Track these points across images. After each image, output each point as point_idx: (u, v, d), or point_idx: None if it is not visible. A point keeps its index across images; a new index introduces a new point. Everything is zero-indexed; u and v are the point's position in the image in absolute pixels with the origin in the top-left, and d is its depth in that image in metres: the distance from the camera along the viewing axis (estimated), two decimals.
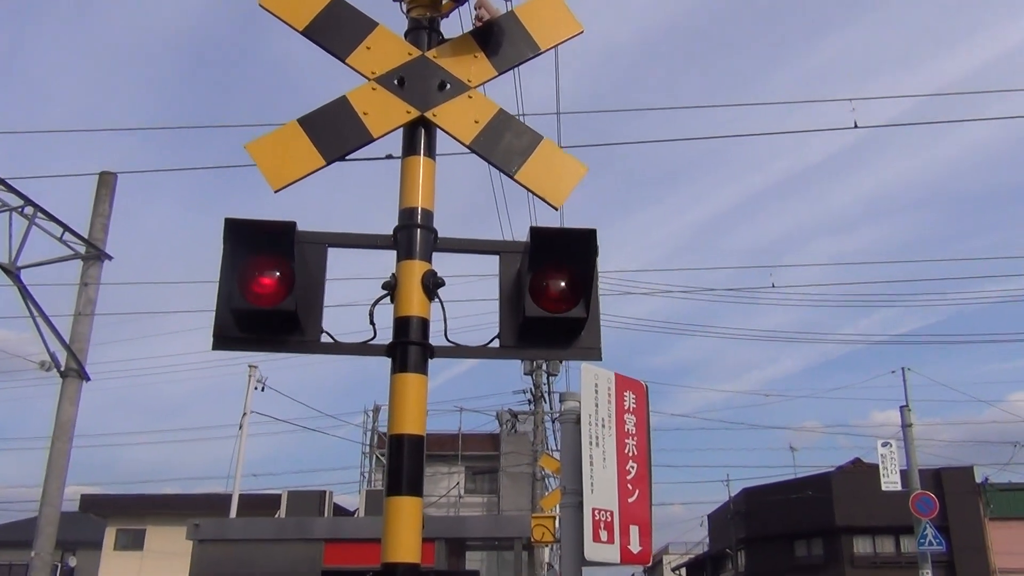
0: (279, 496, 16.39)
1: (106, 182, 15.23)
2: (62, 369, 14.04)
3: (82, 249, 14.73)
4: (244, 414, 22.84)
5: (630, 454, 4.46)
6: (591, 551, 4.12)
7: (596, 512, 4.19)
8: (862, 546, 33.14)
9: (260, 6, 3.79)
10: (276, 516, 15.46)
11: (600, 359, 3.67)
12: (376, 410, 33.50)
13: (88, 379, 14.36)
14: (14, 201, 13.70)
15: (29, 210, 13.86)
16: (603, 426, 4.41)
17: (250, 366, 23.24)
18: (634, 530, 4.28)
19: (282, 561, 12.11)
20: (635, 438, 4.51)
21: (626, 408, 4.55)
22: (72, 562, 36.15)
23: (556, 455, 24.00)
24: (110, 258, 14.97)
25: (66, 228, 14.49)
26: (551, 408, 29.37)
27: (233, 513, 21.20)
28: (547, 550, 27.61)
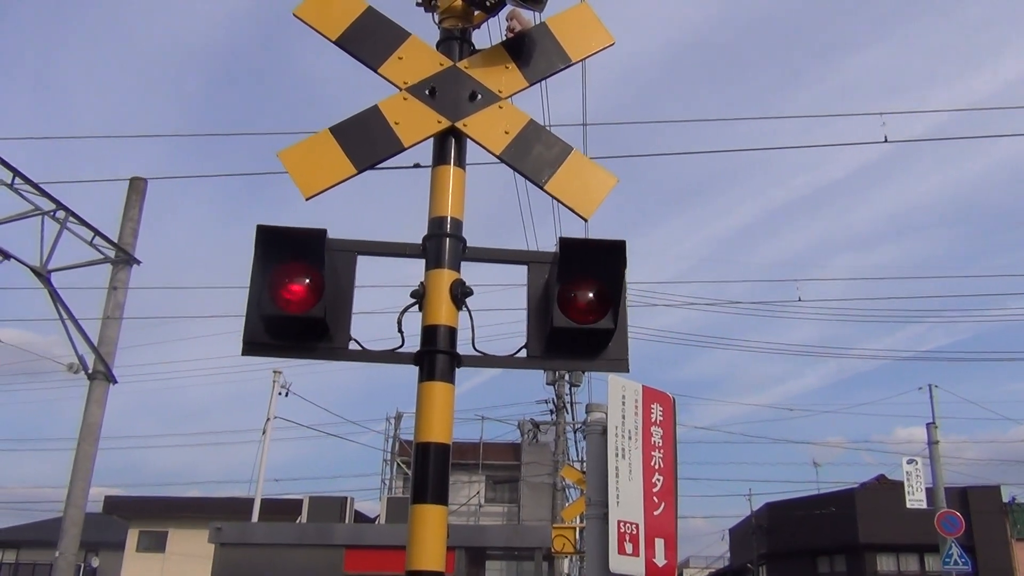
0: (300, 501, 16.45)
1: (137, 187, 15.42)
2: (89, 372, 14.19)
3: (112, 253, 14.91)
4: (268, 419, 23.00)
5: (656, 467, 4.45)
6: (616, 563, 4.11)
7: (621, 524, 4.18)
8: (886, 564, 32.72)
9: (294, 15, 3.83)
10: (297, 521, 15.51)
11: (628, 371, 3.66)
12: (398, 417, 33.59)
13: (115, 382, 14.52)
14: (46, 205, 13.89)
15: (61, 214, 14.05)
16: (630, 438, 4.40)
17: (274, 372, 23.43)
18: (659, 543, 4.26)
19: (303, 566, 12.16)
20: (662, 451, 4.50)
21: (653, 420, 4.54)
22: (95, 563, 36.46)
23: (578, 466, 23.94)
24: (139, 262, 15.14)
25: (96, 232, 14.67)
26: (573, 419, 29.34)
27: (255, 517, 21.33)
28: (566, 561, 27.50)
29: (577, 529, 15.75)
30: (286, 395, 23.82)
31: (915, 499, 22.19)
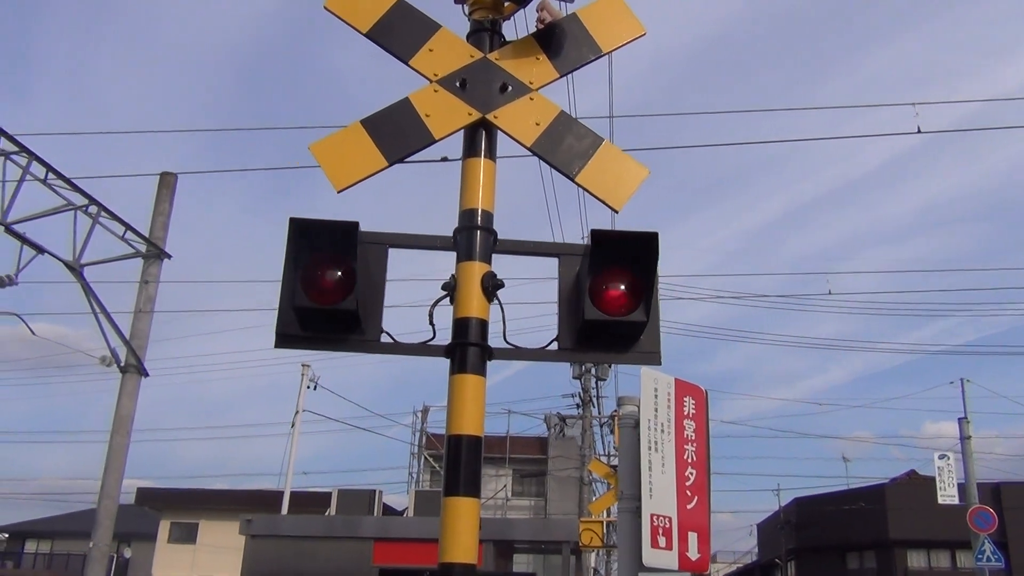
0: (329, 494, 16.57)
1: (167, 182, 15.56)
2: (122, 365, 14.36)
3: (143, 248, 15.06)
4: (297, 412, 23.15)
5: (689, 460, 4.41)
6: (649, 557, 4.09)
7: (654, 518, 4.15)
8: (917, 560, 32.42)
9: (325, 8, 3.83)
10: (326, 514, 15.63)
11: (660, 363, 3.63)
12: (425, 411, 33.72)
13: (146, 375, 14.68)
14: (79, 200, 14.06)
15: (93, 209, 14.21)
16: (662, 431, 4.37)
17: (303, 365, 23.57)
18: (692, 537, 4.23)
19: (332, 558, 12.23)
20: (694, 444, 4.46)
21: (686, 414, 4.50)
22: (128, 553, 36.96)
23: (605, 460, 23.90)
24: (169, 257, 15.28)
25: (128, 227, 14.82)
26: (599, 413, 29.30)
27: (284, 509, 21.49)
28: (594, 555, 27.49)
29: (605, 523, 15.74)
30: (315, 388, 23.98)
31: (947, 495, 21.96)
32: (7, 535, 45.72)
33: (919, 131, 12.09)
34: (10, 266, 13.26)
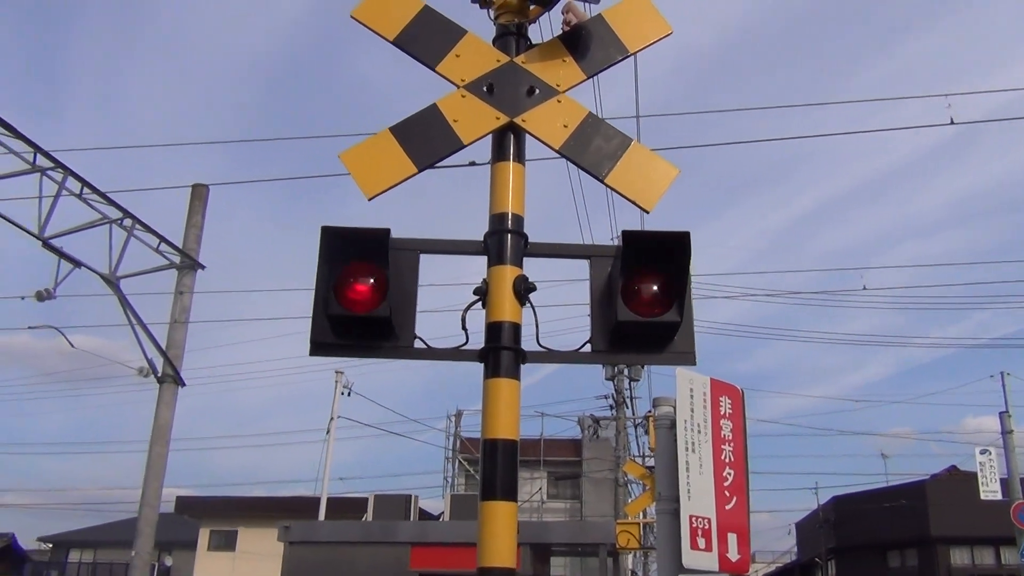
0: (366, 500, 16.64)
1: (199, 194, 15.73)
2: (159, 375, 14.53)
3: (177, 259, 15.23)
4: (331, 419, 23.29)
5: (727, 460, 4.38)
6: (689, 559, 4.06)
7: (693, 519, 4.12)
8: (959, 557, 31.90)
9: (352, 17, 3.86)
10: (363, 519, 15.70)
11: (695, 364, 3.60)
12: (459, 415, 33.77)
13: (183, 384, 14.84)
14: (114, 214, 14.25)
15: (128, 222, 14.40)
16: (699, 432, 4.34)
17: (336, 372, 23.70)
18: (732, 538, 4.20)
19: (370, 563, 12.30)
20: (732, 444, 4.43)
21: (722, 414, 4.47)
22: (168, 562, 37.40)
23: (640, 461, 23.78)
24: (203, 267, 15.45)
25: (162, 239, 15.00)
26: (633, 413, 29.18)
27: (322, 516, 21.63)
28: (631, 557, 27.37)
29: (641, 524, 15.66)
30: (348, 395, 24.11)
31: (990, 490, 21.60)
32: (51, 545, 46.46)
33: (951, 122, 11.93)
34: (48, 280, 13.49)
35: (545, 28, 4.51)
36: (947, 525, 31.01)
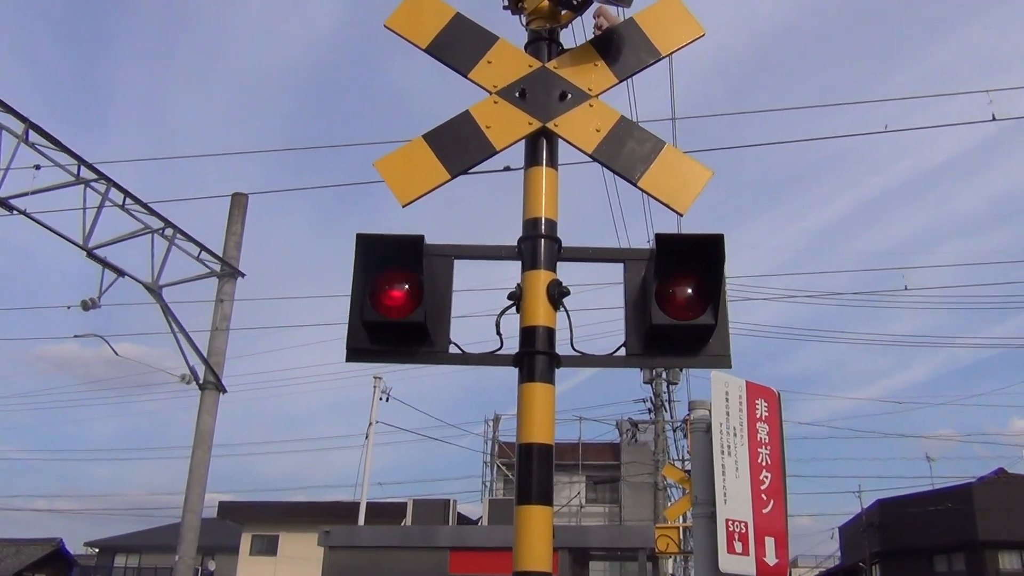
0: (405, 504, 16.73)
1: (239, 203, 15.95)
2: (201, 382, 14.74)
3: (217, 267, 15.46)
4: (370, 424, 23.44)
5: (763, 464, 4.35)
6: (726, 563, 4.04)
7: (730, 523, 4.10)
8: (1009, 561, 31.26)
9: (385, 27, 3.90)
10: (402, 524, 15.78)
11: (730, 367, 3.58)
12: (496, 420, 33.83)
13: (225, 391, 15.05)
14: (155, 223, 14.51)
15: (169, 231, 14.66)
16: (735, 435, 4.31)
17: (375, 377, 23.84)
18: (770, 542, 4.17)
19: (409, 568, 12.37)
20: (768, 447, 4.40)
21: (758, 417, 4.44)
22: (212, 566, 37.86)
23: (679, 464, 23.63)
24: (243, 275, 15.65)
25: (203, 248, 15.24)
26: (672, 417, 28.99)
27: (361, 521, 21.77)
28: (670, 561, 27.17)
29: (681, 528, 15.54)
30: (387, 400, 24.24)
31: None
32: (98, 549, 47.32)
33: (993, 118, 11.72)
34: (93, 290, 13.77)
35: (577, 32, 4.53)
36: (995, 528, 30.41)
